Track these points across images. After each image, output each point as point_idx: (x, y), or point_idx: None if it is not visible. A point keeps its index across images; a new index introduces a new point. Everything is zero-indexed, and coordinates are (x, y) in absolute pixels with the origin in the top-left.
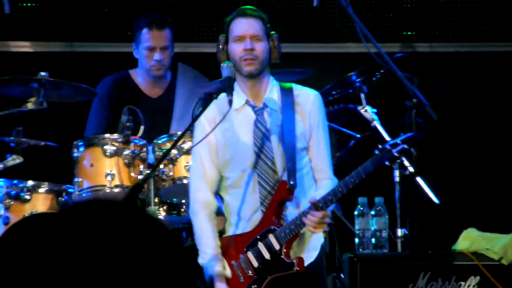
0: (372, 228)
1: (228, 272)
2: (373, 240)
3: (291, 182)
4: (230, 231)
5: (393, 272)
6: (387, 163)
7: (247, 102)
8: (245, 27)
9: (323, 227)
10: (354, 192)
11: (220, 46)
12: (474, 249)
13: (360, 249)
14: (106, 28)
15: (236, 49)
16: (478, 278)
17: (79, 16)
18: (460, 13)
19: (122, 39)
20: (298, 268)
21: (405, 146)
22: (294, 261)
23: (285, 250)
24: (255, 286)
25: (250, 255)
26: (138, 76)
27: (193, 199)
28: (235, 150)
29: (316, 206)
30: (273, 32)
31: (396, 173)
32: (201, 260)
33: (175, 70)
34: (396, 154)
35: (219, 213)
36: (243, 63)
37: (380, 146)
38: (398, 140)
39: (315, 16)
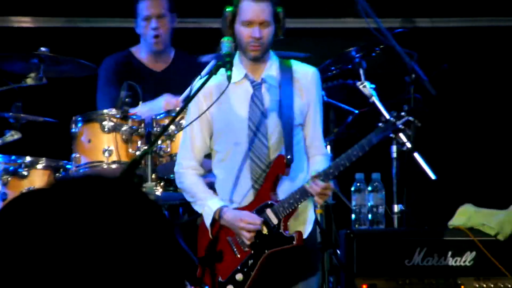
0: (369, 204)
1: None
2: (369, 216)
3: (288, 157)
4: None
5: (390, 248)
6: (391, 135)
7: (246, 76)
8: (255, 13)
9: (325, 198)
10: (351, 168)
11: (226, 23)
12: (470, 224)
13: (357, 225)
14: (108, 3)
15: (244, 33)
16: (474, 253)
17: None
18: None
19: (124, 14)
20: (297, 242)
21: (410, 118)
22: (293, 235)
23: (283, 224)
24: (252, 260)
25: None
26: (141, 52)
27: (179, 163)
28: (229, 122)
29: (317, 178)
30: (280, 9)
31: (394, 149)
32: (199, 208)
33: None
34: (400, 126)
35: (211, 189)
36: (249, 48)
37: (383, 119)
38: (402, 112)
39: None
